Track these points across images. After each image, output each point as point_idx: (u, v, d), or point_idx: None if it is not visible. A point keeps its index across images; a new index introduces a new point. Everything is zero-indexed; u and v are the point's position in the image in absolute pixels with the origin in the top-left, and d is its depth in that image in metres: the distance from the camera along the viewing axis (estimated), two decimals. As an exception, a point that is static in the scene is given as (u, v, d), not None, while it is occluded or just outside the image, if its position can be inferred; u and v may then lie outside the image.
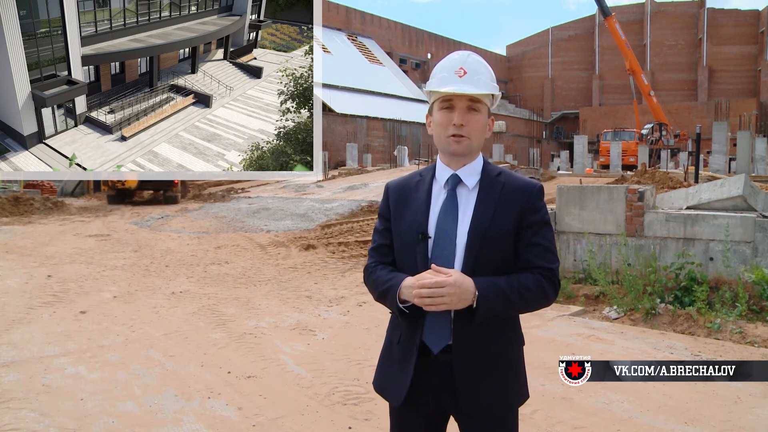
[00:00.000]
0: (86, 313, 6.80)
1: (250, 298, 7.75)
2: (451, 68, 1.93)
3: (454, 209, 1.92)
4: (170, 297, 7.73)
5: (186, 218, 16.56)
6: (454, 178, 1.95)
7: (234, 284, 8.63)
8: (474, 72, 1.92)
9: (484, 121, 1.95)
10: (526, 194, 1.93)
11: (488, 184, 1.94)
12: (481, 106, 1.93)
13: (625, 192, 7.93)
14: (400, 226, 1.99)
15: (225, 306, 7.26)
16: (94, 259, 10.51)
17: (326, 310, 7.11)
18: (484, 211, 1.90)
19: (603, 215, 8.07)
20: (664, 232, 7.63)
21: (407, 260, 1.95)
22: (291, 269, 9.85)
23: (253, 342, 5.74)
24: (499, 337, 1.94)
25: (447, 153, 1.95)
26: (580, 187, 8.53)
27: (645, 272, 7.03)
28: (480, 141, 1.96)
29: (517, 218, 1.90)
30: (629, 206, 7.87)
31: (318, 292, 8.19)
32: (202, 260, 10.55)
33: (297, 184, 23.58)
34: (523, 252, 1.91)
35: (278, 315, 6.85)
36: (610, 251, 7.85)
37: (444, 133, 1.93)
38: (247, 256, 11.01)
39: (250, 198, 20.31)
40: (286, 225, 14.51)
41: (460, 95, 1.90)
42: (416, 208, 1.97)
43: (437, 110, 1.95)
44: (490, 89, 1.94)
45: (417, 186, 2.02)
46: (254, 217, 15.96)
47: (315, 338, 5.92)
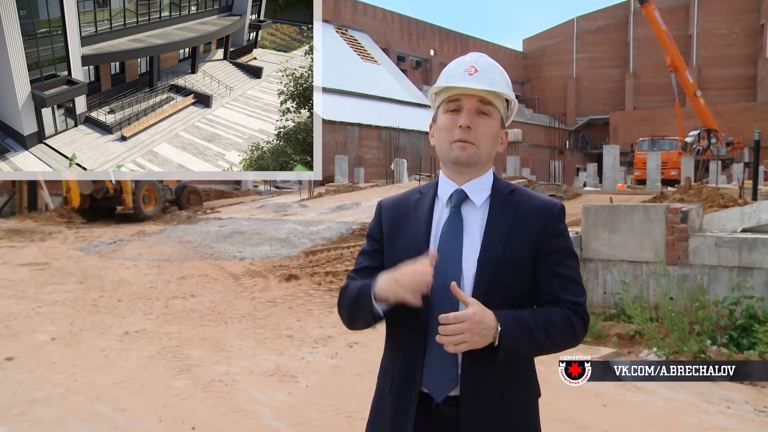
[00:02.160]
0: (14, 359, 6.73)
1: (220, 338, 7.71)
2: (461, 66, 1.96)
3: (459, 230, 1.92)
4: (123, 338, 7.67)
5: (143, 243, 16.52)
6: (459, 194, 1.96)
7: (201, 322, 8.58)
8: (486, 71, 1.95)
9: (496, 128, 1.97)
10: (546, 215, 1.94)
11: (500, 202, 1.95)
12: (494, 110, 1.95)
13: (665, 211, 7.95)
14: (395, 250, 1.99)
15: (190, 348, 7.22)
16: (28, 293, 10.45)
17: (311, 352, 7.08)
18: (495, 233, 1.90)
19: (638, 239, 8.08)
20: (714, 259, 7.63)
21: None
22: (269, 304, 9.82)
23: (222, 391, 5.69)
24: (514, 384, 1.93)
25: (450, 162, 1.97)
26: (610, 206, 8.55)
27: (691, 308, 7.01)
28: (490, 152, 1.98)
29: (534, 243, 1.91)
30: (670, 229, 7.89)
31: (301, 330, 8.15)
32: (163, 293, 10.50)
33: (277, 203, 23.61)
34: (545, 283, 1.91)
35: (253, 358, 6.81)
36: (648, 282, 7.85)
37: (448, 138, 1.94)
38: (217, 289, 10.97)
39: (221, 219, 20.27)
40: (264, 251, 14.48)
41: (469, 94, 1.92)
42: (415, 229, 1.97)
43: (442, 113, 1.97)
44: (505, 90, 1.96)
45: (416, 204, 2.02)
46: (226, 242, 15.93)
47: (297, 386, 5.88)
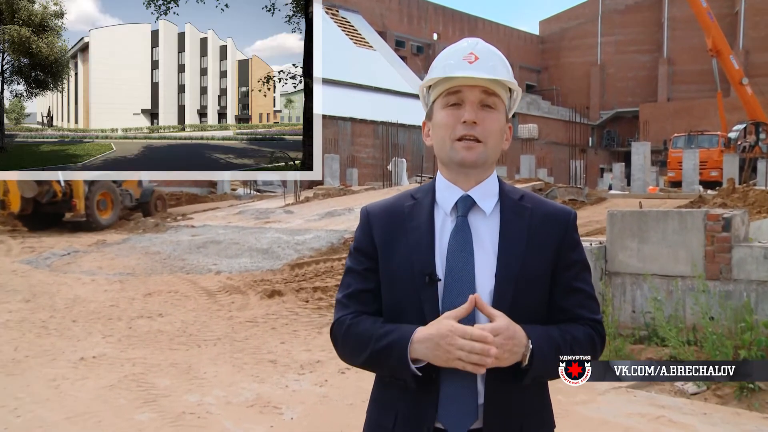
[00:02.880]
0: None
1: (193, 363, 7.70)
2: (459, 54, 1.98)
3: (469, 244, 1.92)
4: (78, 365, 7.65)
5: (103, 254, 16.50)
6: (466, 201, 1.96)
7: (170, 345, 8.57)
8: (487, 57, 1.96)
9: (502, 122, 1.99)
10: (563, 224, 1.98)
11: (511, 209, 1.97)
12: (498, 102, 1.97)
13: (704, 218, 7.95)
14: (391, 267, 1.98)
15: (157, 375, 7.20)
16: (-37, 313, 10.42)
17: (296, 380, 7.07)
18: (512, 246, 1.92)
19: (672, 250, 8.07)
20: (763, 273, 7.61)
21: (407, 311, 1.93)
22: (249, 324, 9.82)
23: (195, 425, 5.68)
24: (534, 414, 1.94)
25: (454, 164, 1.97)
26: (640, 212, 8.55)
27: (736, 330, 7.00)
28: (497, 150, 1.99)
29: (554, 256, 1.94)
30: (710, 238, 7.88)
31: (286, 354, 8.14)
32: (126, 312, 10.48)
33: (258, 208, 23.62)
34: (563, 300, 1.95)
35: (231, 387, 6.80)
36: (684, 300, 7.84)
37: (450, 136, 1.95)
38: (189, 306, 10.95)
39: (193, 227, 20.28)
40: (243, 264, 14.47)
41: (471, 85, 1.92)
42: (416, 240, 1.96)
43: (440, 108, 1.98)
44: (510, 79, 1.98)
45: (412, 212, 2.02)
46: (199, 253, 15.92)
47: (281, 418, 5.87)
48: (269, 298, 11.38)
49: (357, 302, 2.00)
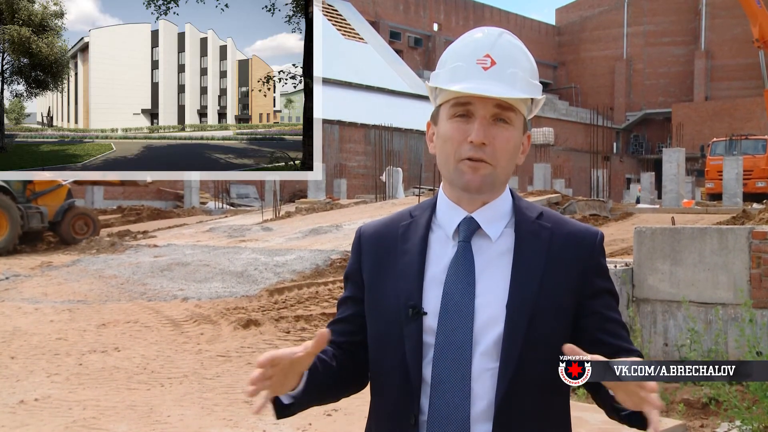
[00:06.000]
0: None
1: (155, 405, 7.68)
2: (472, 55, 1.94)
3: (470, 272, 1.92)
4: (17, 409, 7.61)
5: (49, 279, 16.47)
6: (469, 225, 1.96)
7: (128, 384, 8.55)
8: (507, 62, 1.93)
9: (518, 139, 1.97)
10: (588, 248, 1.99)
11: (527, 230, 1.97)
12: (515, 117, 1.94)
13: (749, 236, 7.96)
14: (379, 296, 2.00)
15: (112, 420, 7.18)
16: None
17: (275, 423, 7.03)
18: (527, 271, 1.91)
19: (711, 274, 8.08)
20: (819, 301, 7.64)
21: (387, 348, 1.95)
22: (221, 358, 9.81)
23: (156, 478, 5.64)
24: None
25: (457, 185, 1.96)
26: (672, 230, 8.57)
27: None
28: (509, 170, 1.98)
29: (577, 285, 1.94)
30: (756, 260, 7.89)
31: (262, 396, 8.09)
32: (76, 347, 10.44)
33: (231, 225, 23.66)
34: (596, 333, 1.94)
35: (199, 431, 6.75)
36: (726, 331, 7.84)
37: (454, 154, 1.93)
38: (151, 339, 10.93)
39: (156, 247, 20.25)
40: (214, 289, 14.47)
41: (483, 99, 1.89)
42: (404, 266, 1.97)
43: (446, 118, 1.96)
44: (531, 91, 1.95)
45: (406, 233, 2.03)
46: (163, 277, 15.91)
47: (257, 472, 5.84)
48: (244, 329, 11.37)
49: (333, 333, 2.01)
